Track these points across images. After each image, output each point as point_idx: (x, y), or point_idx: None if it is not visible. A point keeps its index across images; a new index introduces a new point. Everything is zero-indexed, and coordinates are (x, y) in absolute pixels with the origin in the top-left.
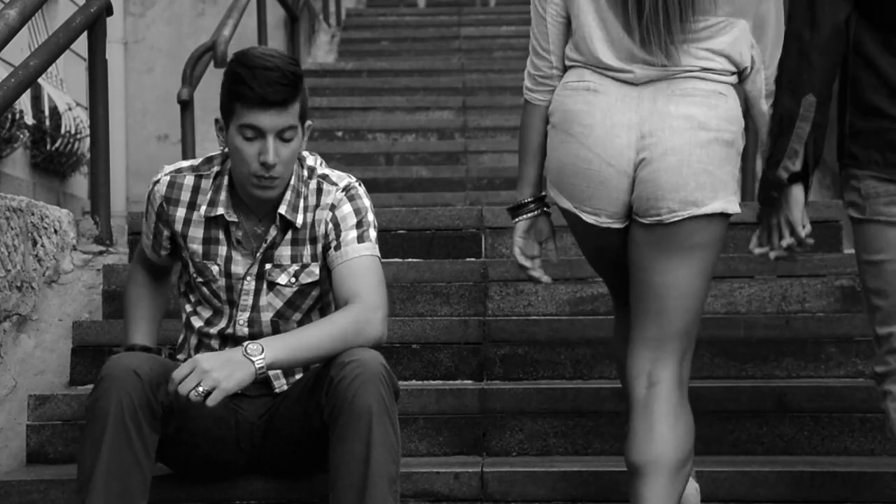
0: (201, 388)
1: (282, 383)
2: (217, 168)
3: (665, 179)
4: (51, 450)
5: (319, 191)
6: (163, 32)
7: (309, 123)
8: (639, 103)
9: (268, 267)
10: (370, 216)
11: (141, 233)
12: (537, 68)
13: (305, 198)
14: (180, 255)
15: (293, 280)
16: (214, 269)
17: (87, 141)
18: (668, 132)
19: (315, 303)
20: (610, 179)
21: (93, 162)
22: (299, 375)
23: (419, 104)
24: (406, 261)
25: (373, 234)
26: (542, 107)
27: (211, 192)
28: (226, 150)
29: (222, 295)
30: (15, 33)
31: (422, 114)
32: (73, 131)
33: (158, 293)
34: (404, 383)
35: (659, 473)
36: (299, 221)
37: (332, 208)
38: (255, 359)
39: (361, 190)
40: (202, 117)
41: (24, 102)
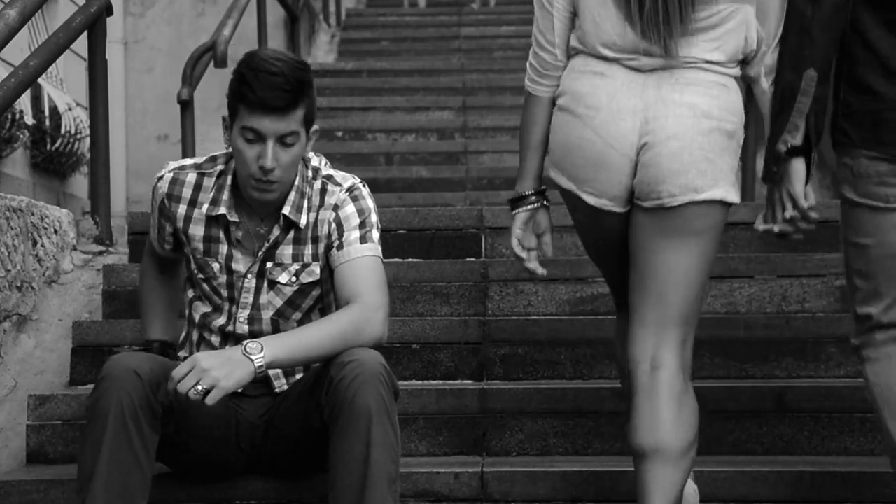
0: (200, 387)
1: (282, 383)
2: (221, 167)
3: (667, 164)
4: (51, 450)
5: (324, 191)
6: (163, 32)
7: (315, 128)
8: (644, 90)
9: (269, 265)
10: (373, 217)
11: (149, 226)
12: (541, 61)
13: (310, 198)
14: (184, 251)
15: (294, 279)
16: (215, 266)
17: (87, 141)
18: (672, 119)
19: (315, 303)
20: (612, 162)
21: (93, 162)
22: (300, 375)
23: (419, 104)
24: (406, 261)
25: (375, 235)
26: (545, 99)
27: (214, 190)
28: (230, 149)
29: (223, 292)
30: (15, 33)
31: (422, 114)
32: (73, 131)
33: (171, 284)
34: (404, 383)
35: (663, 459)
36: (303, 222)
37: (336, 208)
38: (254, 358)
39: (365, 191)
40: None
41: (24, 102)
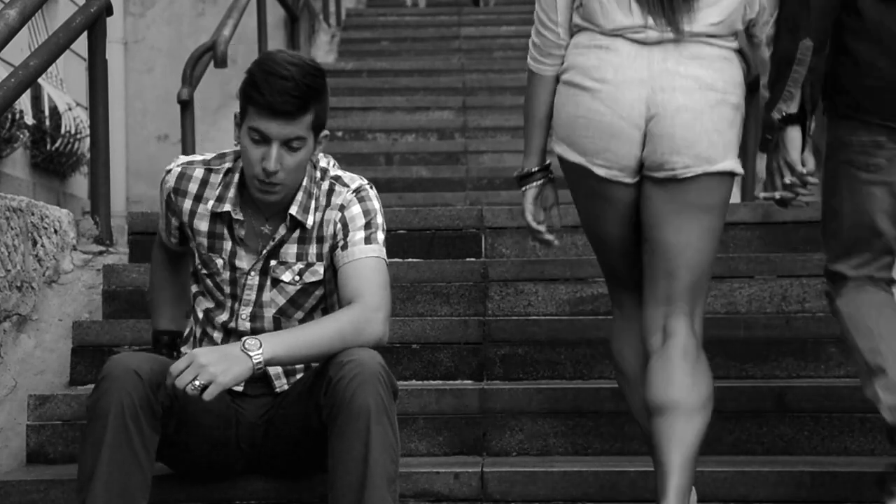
0: (198, 382)
1: (283, 383)
2: (229, 164)
3: (681, 135)
4: (51, 450)
5: (331, 192)
6: (163, 32)
7: (325, 133)
8: (649, 62)
9: (272, 263)
10: (379, 219)
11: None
12: (544, 39)
13: (317, 198)
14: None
15: (297, 278)
16: (219, 262)
17: (87, 141)
18: (679, 91)
19: (318, 302)
20: (622, 132)
21: (93, 162)
22: (300, 375)
23: (419, 104)
24: (406, 261)
25: (380, 236)
26: (549, 77)
27: (220, 187)
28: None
29: (226, 288)
30: (15, 33)
31: (422, 114)
32: (73, 131)
33: (180, 276)
34: (404, 383)
35: (677, 413)
36: (309, 222)
37: (342, 208)
38: (252, 354)
39: (372, 192)
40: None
41: (24, 102)
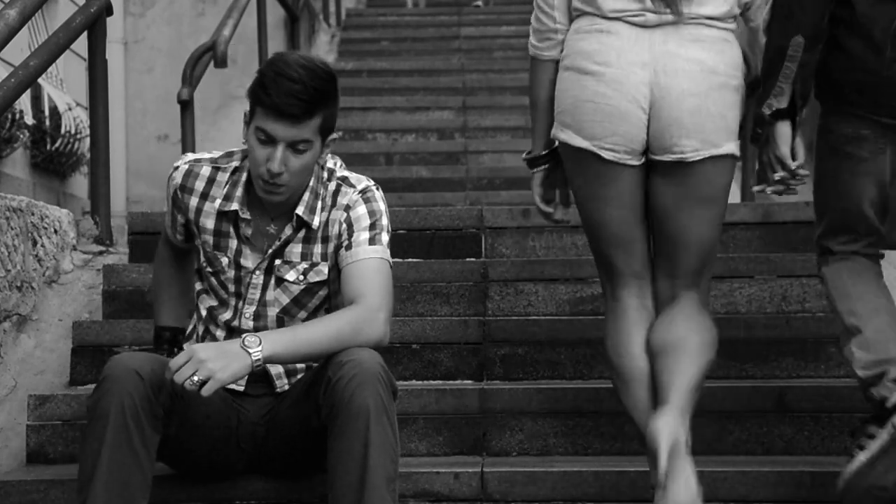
0: (196, 378)
1: (284, 383)
2: (236, 163)
3: (689, 119)
4: (51, 450)
5: (337, 192)
6: (163, 32)
7: (333, 136)
8: (650, 45)
9: (277, 262)
10: (384, 220)
11: (164, 215)
12: (543, 24)
13: (323, 199)
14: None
15: (301, 277)
16: (224, 260)
17: (87, 141)
18: (682, 74)
19: (322, 302)
20: (629, 114)
21: (93, 162)
22: (301, 375)
23: (419, 104)
24: (406, 261)
25: (385, 238)
26: (550, 62)
27: (227, 185)
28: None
29: (230, 286)
30: (15, 33)
31: (422, 114)
32: (73, 131)
33: (185, 273)
34: (404, 383)
35: (677, 351)
36: (316, 223)
37: (347, 209)
38: (252, 351)
39: (378, 194)
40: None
41: (24, 102)
